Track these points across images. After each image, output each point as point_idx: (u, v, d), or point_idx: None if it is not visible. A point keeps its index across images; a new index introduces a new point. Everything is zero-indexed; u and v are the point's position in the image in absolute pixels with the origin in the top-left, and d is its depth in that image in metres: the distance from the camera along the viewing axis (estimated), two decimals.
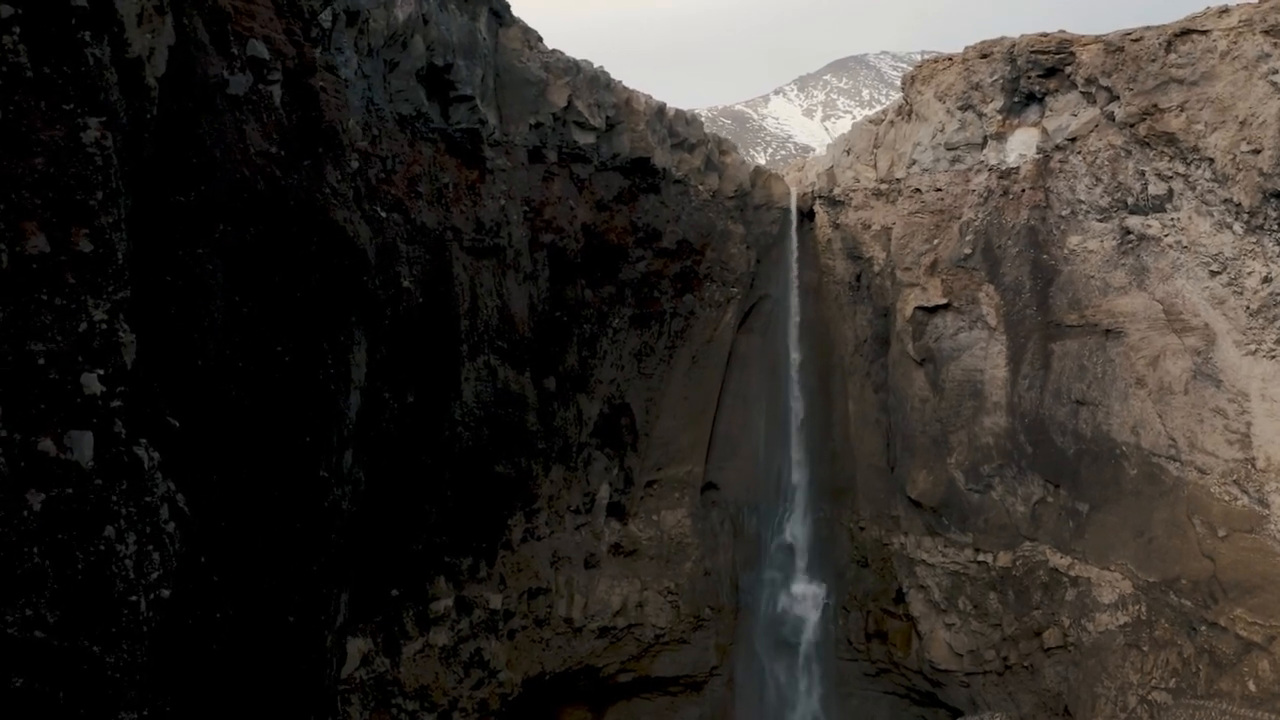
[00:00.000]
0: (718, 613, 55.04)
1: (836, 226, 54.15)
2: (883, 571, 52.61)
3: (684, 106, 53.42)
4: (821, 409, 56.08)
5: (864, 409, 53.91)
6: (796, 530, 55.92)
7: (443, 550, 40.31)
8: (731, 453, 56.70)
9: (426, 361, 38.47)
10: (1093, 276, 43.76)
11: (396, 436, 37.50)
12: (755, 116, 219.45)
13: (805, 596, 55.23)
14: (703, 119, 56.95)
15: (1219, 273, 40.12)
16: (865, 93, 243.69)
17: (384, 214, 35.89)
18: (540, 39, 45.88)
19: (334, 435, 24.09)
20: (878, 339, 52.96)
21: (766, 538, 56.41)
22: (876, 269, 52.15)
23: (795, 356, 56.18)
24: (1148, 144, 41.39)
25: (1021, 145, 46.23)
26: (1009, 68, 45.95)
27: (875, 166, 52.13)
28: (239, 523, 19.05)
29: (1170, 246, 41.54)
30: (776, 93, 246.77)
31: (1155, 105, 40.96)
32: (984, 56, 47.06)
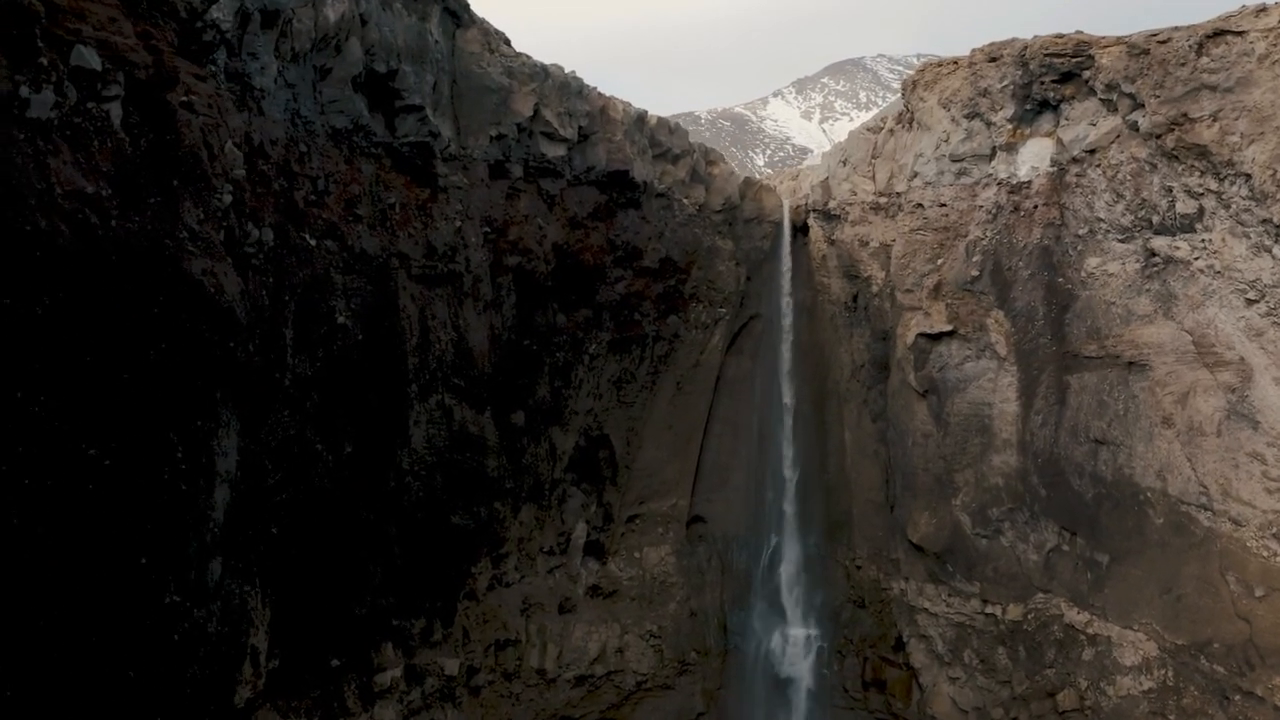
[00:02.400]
0: (704, 656, 49.72)
1: (832, 242, 48.70)
2: (881, 615, 47.25)
3: (684, 110, 48.31)
4: (816, 438, 50.72)
5: (861, 439, 48.48)
6: (789, 567, 50.58)
7: (390, 613, 35.00)
8: (720, 484, 51.33)
9: (368, 406, 33.13)
10: (1113, 303, 38.37)
11: (331, 492, 32.20)
12: (754, 119, 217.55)
13: (798, 639, 49.93)
14: (701, 120, 51.55)
15: (1256, 301, 34.96)
16: (862, 95, 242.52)
17: (313, 242, 30.59)
18: (507, 41, 40.42)
19: (190, 544, 18.85)
20: (876, 364, 47.52)
21: (757, 574, 51.08)
22: (875, 289, 46.69)
23: (788, 381, 50.85)
24: (1176, 157, 36.05)
25: (1034, 157, 40.79)
26: (1020, 72, 40.48)
27: (873, 178, 46.66)
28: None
29: (1201, 271, 36.19)
30: (775, 95, 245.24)
31: (1184, 114, 35.62)
32: (993, 60, 41.55)
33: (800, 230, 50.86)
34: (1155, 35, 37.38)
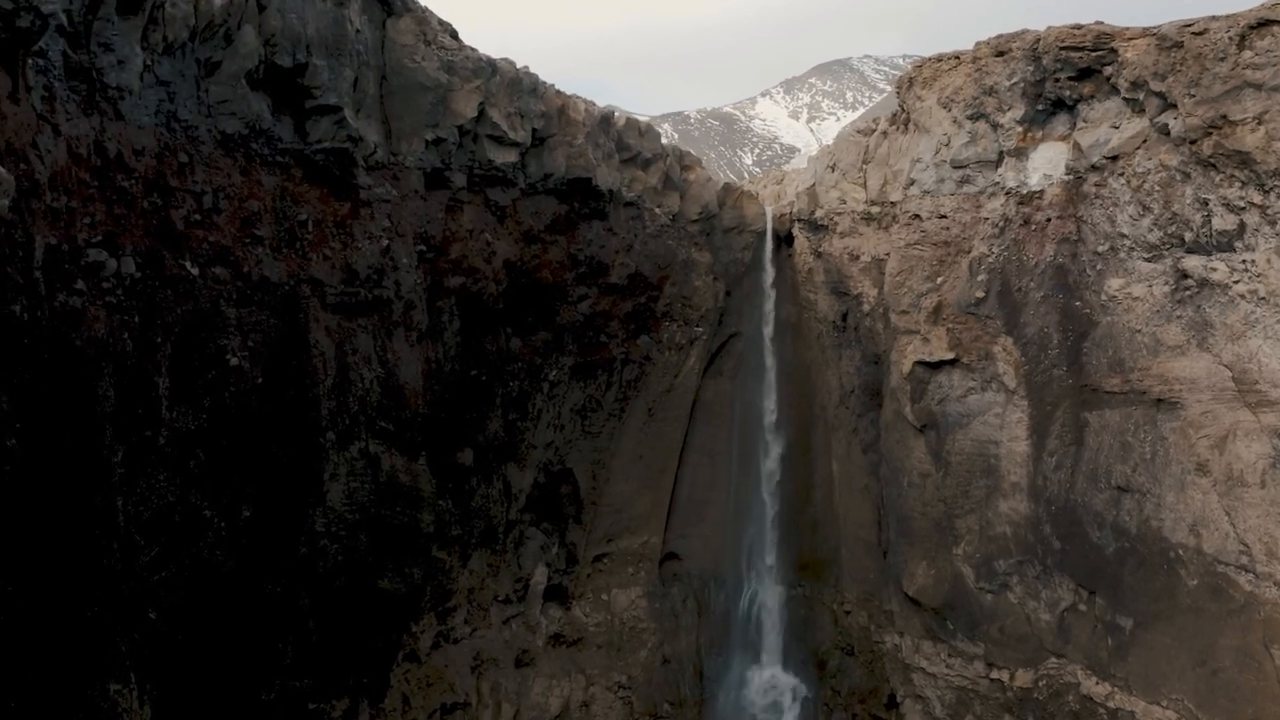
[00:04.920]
0: (678, 707, 43.92)
1: (819, 255, 42.77)
2: (872, 666, 41.46)
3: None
4: (801, 468, 44.94)
5: (851, 472, 42.61)
6: (771, 609, 44.85)
7: (305, 696, 29.19)
8: (696, 518, 45.49)
9: (272, 461, 27.25)
10: (1139, 331, 32.59)
11: (226, 565, 26.32)
12: (743, 118, 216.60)
13: (782, 688, 44.22)
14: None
15: None
16: (849, 95, 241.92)
17: (195, 270, 24.66)
18: (453, 34, 34.40)
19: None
20: (867, 390, 41.62)
21: (736, 617, 45.31)
22: (866, 308, 40.77)
23: (770, 406, 45.05)
24: (1213, 165, 30.35)
25: (1047, 163, 35.02)
26: (1032, 68, 34.63)
27: (865, 186, 40.72)
28: None
29: (1242, 296, 30.48)
30: (763, 95, 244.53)
31: (1223, 116, 29.96)
32: (1000, 54, 35.67)
33: (785, 240, 44.99)
34: (1189, 26, 31.60)
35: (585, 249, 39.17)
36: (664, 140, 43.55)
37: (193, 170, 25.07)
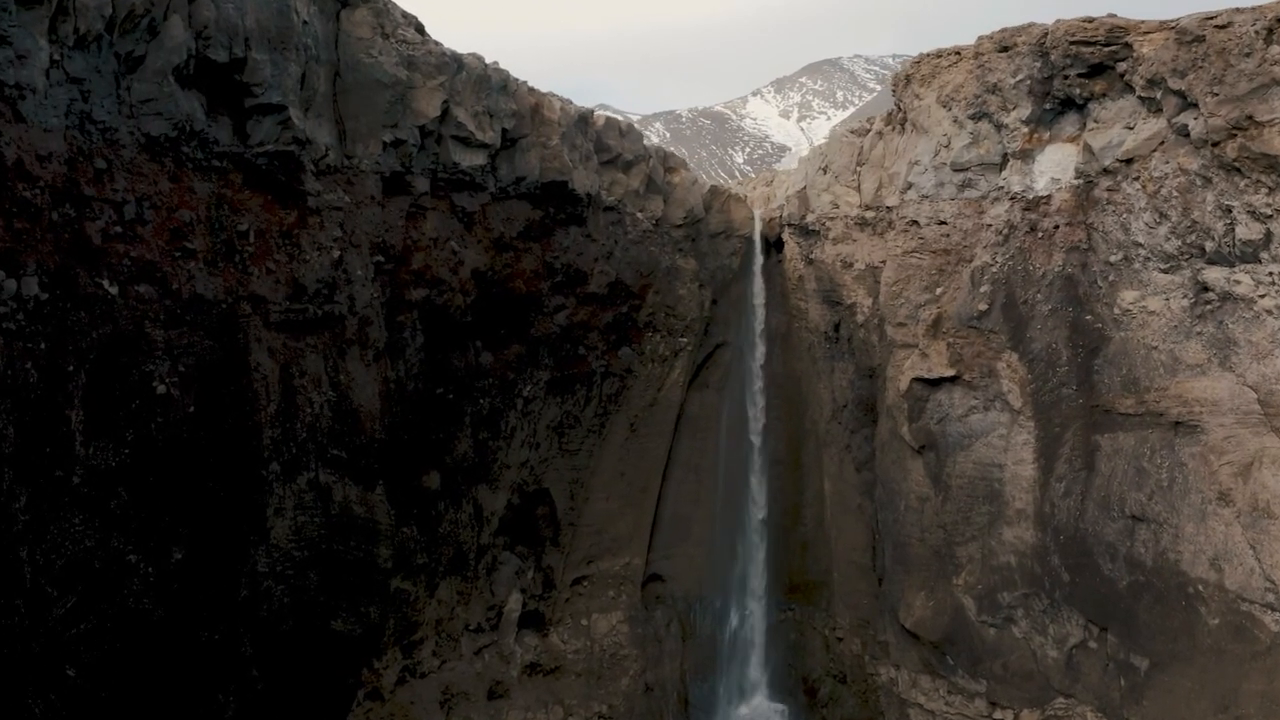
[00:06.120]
0: None
1: (810, 262, 39.93)
2: (865, 697, 38.67)
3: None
4: (790, 485, 42.19)
5: (843, 490, 39.79)
6: (760, 632, 42.02)
7: None
8: (681, 536, 42.63)
9: (207, 497, 24.32)
10: (1155, 347, 29.90)
11: (155, 613, 23.44)
12: (734, 117, 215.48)
13: (770, 716, 41.35)
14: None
15: None
16: (839, 94, 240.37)
17: (114, 289, 21.66)
18: (417, 26, 31.48)
19: None
20: (861, 405, 38.81)
21: (723, 641, 42.51)
22: (860, 319, 37.93)
23: (759, 419, 42.25)
24: (1237, 169, 27.70)
25: (1055, 167, 32.28)
26: (1039, 64, 31.85)
27: (859, 189, 37.87)
28: None
29: (1269, 312, 27.97)
30: (754, 94, 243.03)
31: (1249, 116, 27.40)
32: (1004, 49, 32.83)
33: (774, 246, 42.15)
34: (1211, 19, 28.86)
35: (562, 256, 36.28)
36: (647, 141, 40.60)
37: (112, 177, 22.12)
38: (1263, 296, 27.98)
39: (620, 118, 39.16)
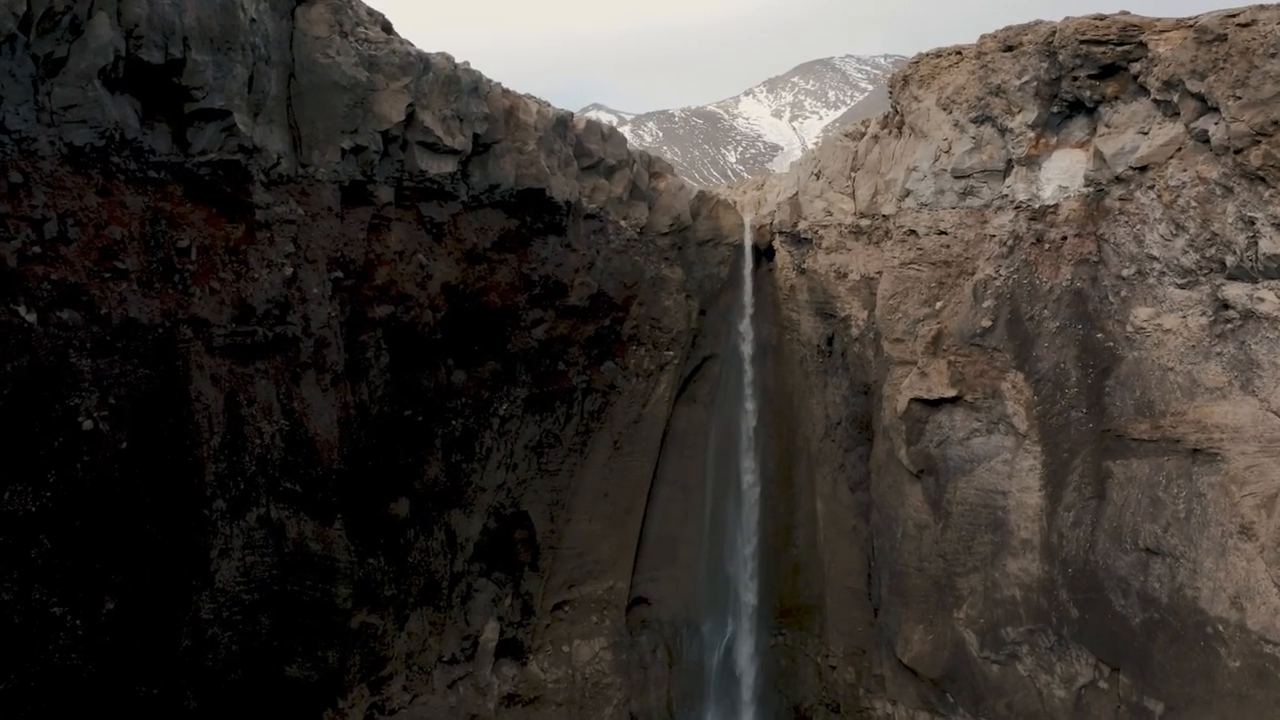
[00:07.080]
0: None
1: (802, 271, 37.68)
2: None
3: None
4: (782, 505, 39.96)
5: (837, 512, 37.57)
6: (749, 658, 39.80)
7: None
8: (667, 558, 40.40)
9: (143, 540, 22.00)
10: (1171, 368, 27.66)
11: (84, 669, 21.11)
12: (726, 117, 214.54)
13: None
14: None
15: None
16: (831, 94, 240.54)
17: (31, 317, 19.31)
18: (383, 25, 29.10)
19: None
20: (856, 423, 36.59)
21: (711, 667, 40.29)
22: (855, 333, 35.70)
23: (749, 436, 39.90)
24: (1261, 178, 25.56)
25: (1063, 174, 30.03)
26: (1046, 64, 29.59)
27: (853, 196, 35.62)
28: None
29: None
30: (747, 94, 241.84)
31: (1275, 122, 25.12)
32: (1009, 49, 30.56)
33: (765, 254, 39.88)
34: (1233, 16, 26.62)
35: (540, 268, 34.01)
36: (631, 144, 38.26)
37: (29, 192, 19.80)
38: None
39: (609, 119, 36.91)
